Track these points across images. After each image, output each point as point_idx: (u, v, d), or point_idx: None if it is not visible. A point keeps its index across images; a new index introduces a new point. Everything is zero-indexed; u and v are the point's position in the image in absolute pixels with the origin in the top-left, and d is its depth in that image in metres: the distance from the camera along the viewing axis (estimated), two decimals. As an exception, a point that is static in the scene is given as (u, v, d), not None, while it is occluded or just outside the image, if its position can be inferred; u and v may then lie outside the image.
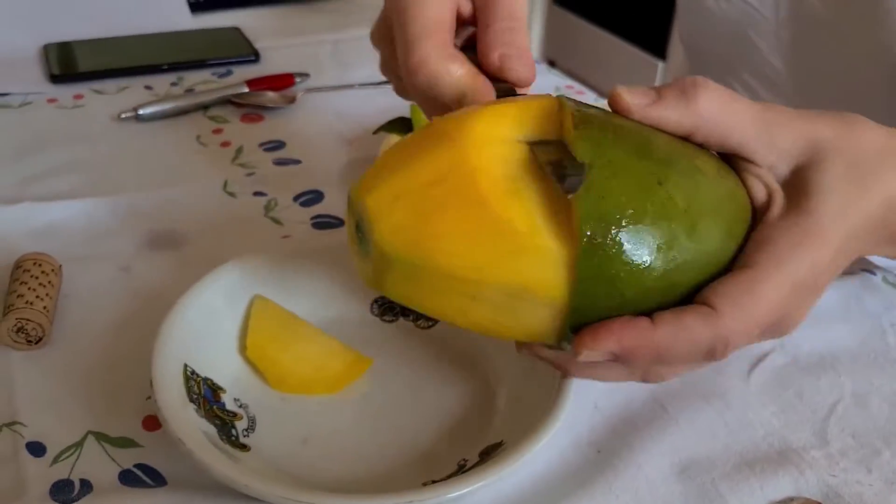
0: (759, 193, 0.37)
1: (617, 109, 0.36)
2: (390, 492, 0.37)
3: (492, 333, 0.36)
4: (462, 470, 0.40)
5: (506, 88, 0.41)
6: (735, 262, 0.36)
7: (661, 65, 2.17)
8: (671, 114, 0.36)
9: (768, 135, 0.37)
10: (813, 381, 0.47)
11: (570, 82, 0.85)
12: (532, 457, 0.38)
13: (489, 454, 0.40)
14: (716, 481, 0.41)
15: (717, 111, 0.36)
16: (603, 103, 0.39)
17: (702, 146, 0.37)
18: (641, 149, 0.34)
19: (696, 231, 0.34)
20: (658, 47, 2.17)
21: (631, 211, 0.32)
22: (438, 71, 0.40)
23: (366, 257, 0.36)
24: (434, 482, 0.39)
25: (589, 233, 0.32)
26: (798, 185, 0.37)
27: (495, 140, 0.34)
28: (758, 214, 0.37)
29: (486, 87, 0.40)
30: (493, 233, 0.32)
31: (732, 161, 0.38)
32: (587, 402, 0.45)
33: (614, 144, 0.34)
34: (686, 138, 0.37)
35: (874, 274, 0.55)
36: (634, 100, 0.36)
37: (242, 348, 0.46)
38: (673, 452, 0.43)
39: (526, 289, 0.33)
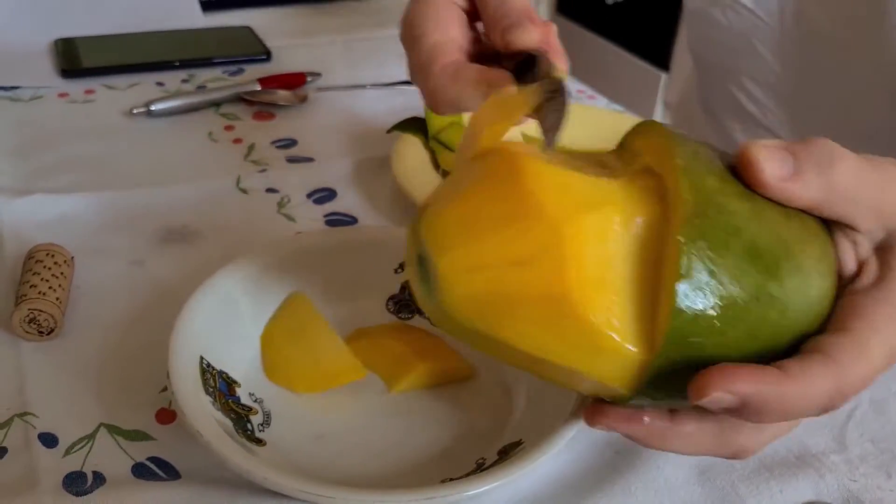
0: (850, 262, 0.34)
1: (750, 178, 0.32)
2: (408, 488, 0.37)
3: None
4: (481, 469, 0.40)
5: (524, 59, 0.39)
6: (826, 328, 0.33)
7: (664, 76, 2.17)
8: (808, 193, 0.32)
9: (875, 200, 0.33)
10: (830, 387, 0.47)
11: (581, 87, 0.85)
12: (550, 457, 0.37)
13: (507, 453, 0.40)
14: (735, 484, 0.41)
15: (851, 186, 0.33)
16: (612, 108, 0.37)
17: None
18: (750, 253, 0.31)
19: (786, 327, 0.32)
20: (662, 59, 2.17)
21: (719, 326, 0.30)
22: (452, 95, 0.39)
23: (427, 294, 0.34)
24: (452, 480, 0.39)
25: (671, 349, 0.30)
26: (890, 249, 0.34)
27: (589, 208, 0.31)
28: (842, 279, 0.34)
29: (499, 77, 0.39)
30: (571, 329, 0.30)
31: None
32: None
33: (723, 253, 0.30)
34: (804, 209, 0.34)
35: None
36: (774, 171, 0.31)
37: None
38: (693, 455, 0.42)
39: (595, 380, 0.32)
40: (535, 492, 0.40)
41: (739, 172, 0.32)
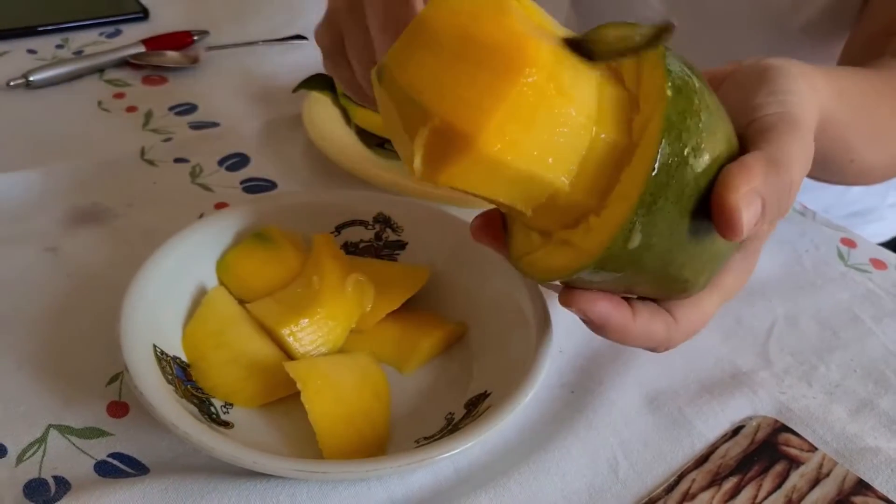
0: None
1: (725, 230, 0.31)
2: (382, 452, 0.38)
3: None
4: (451, 424, 0.41)
5: None
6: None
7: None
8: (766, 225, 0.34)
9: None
10: (748, 308, 0.51)
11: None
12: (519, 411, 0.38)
13: (476, 405, 0.41)
14: (682, 408, 0.44)
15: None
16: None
17: None
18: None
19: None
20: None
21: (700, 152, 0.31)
22: None
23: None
24: (426, 439, 0.40)
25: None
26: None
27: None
28: None
29: None
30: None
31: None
32: (552, 345, 0.46)
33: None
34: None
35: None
36: (749, 223, 0.31)
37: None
38: (639, 385, 0.45)
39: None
40: (504, 441, 0.41)
41: (714, 213, 0.32)
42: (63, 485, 0.37)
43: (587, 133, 0.31)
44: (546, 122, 0.30)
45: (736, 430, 0.43)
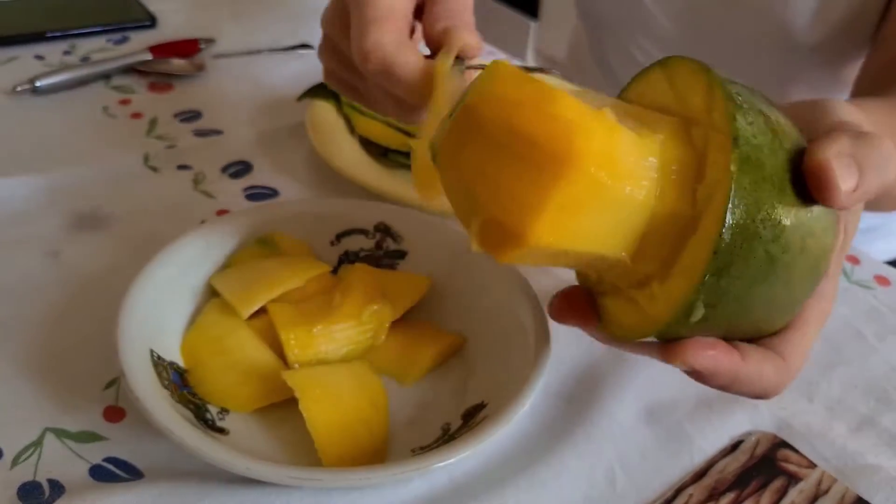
0: None
1: (820, 192, 0.30)
2: (381, 462, 0.37)
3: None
4: (447, 434, 0.41)
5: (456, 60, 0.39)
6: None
7: (533, 24, 2.20)
8: (866, 197, 0.31)
9: None
10: (750, 322, 0.51)
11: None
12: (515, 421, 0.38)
13: (472, 416, 0.41)
14: (681, 422, 0.44)
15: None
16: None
17: None
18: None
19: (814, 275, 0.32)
20: (530, 6, 2.20)
21: (772, 226, 0.29)
22: (392, 55, 0.38)
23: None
24: (422, 448, 0.40)
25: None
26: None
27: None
28: None
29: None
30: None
31: None
32: (551, 356, 0.46)
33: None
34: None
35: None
36: (847, 186, 0.30)
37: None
38: (639, 398, 0.45)
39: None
40: (502, 449, 0.41)
41: (807, 179, 0.30)
42: (57, 488, 0.37)
43: (646, 209, 0.30)
44: (598, 208, 0.29)
45: (735, 445, 0.43)
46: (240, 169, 0.60)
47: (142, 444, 0.40)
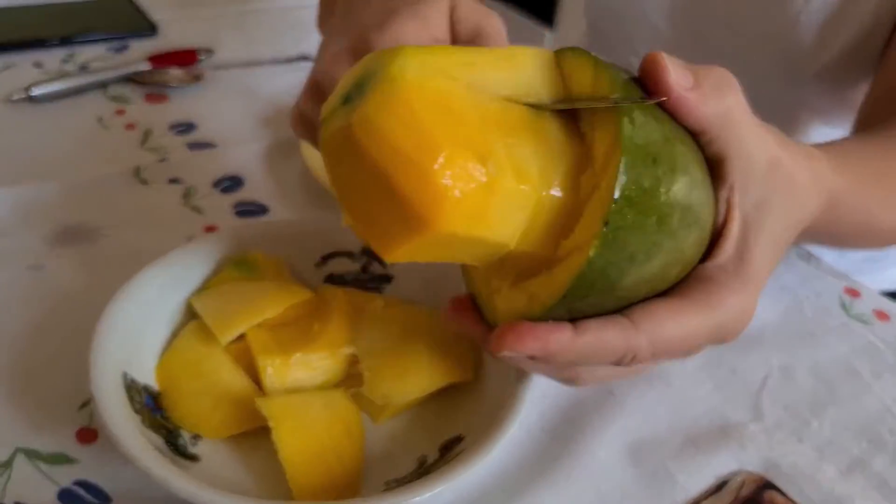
0: (720, 216, 0.35)
1: (655, 81, 0.32)
2: (353, 496, 0.36)
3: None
4: (423, 467, 0.40)
5: None
6: (676, 287, 0.34)
7: (548, 34, 2.20)
8: (705, 107, 0.33)
9: (759, 149, 0.34)
10: (743, 357, 0.50)
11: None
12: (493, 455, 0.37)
13: (450, 449, 0.40)
14: (665, 462, 0.43)
15: (741, 119, 0.34)
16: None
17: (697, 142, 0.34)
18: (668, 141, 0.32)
19: (679, 250, 0.32)
20: (546, 15, 2.19)
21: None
22: None
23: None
24: (396, 481, 0.39)
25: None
26: (751, 224, 0.35)
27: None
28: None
29: None
30: None
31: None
32: (535, 389, 0.45)
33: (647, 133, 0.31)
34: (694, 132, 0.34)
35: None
36: (679, 78, 0.32)
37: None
38: (623, 435, 0.44)
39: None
40: (479, 486, 0.40)
41: (643, 79, 0.33)
42: (23, 513, 0.37)
43: (506, 247, 0.31)
44: (459, 247, 0.31)
45: (720, 486, 0.42)
46: (231, 184, 0.59)
47: (112, 468, 0.39)
